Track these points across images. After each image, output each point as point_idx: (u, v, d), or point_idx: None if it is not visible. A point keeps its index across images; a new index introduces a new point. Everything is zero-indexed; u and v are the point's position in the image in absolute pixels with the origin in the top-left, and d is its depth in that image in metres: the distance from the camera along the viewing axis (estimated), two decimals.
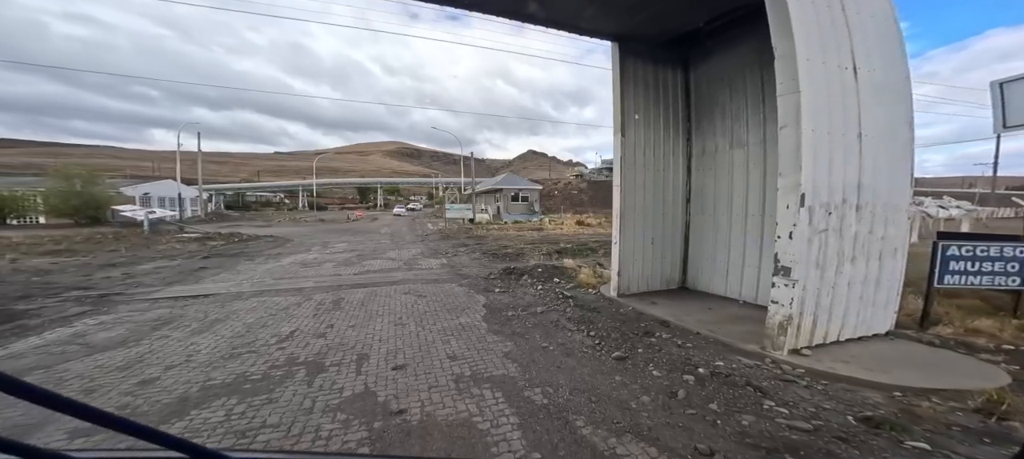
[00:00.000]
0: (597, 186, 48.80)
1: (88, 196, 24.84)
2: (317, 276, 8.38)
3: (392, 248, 13.81)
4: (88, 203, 24.68)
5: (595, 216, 30.73)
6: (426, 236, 18.80)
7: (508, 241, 15.98)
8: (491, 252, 12.18)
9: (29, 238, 14.52)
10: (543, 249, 12.53)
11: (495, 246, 13.89)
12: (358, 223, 30.57)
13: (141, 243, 14.39)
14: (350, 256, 11.62)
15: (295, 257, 11.38)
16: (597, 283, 7.14)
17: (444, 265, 9.95)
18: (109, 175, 38.02)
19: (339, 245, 14.87)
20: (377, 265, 9.94)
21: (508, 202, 29.62)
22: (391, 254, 12.10)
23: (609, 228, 25.12)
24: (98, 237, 14.57)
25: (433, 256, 11.69)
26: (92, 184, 26.53)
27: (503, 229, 22.79)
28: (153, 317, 5.23)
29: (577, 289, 6.88)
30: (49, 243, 13.30)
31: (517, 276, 7.98)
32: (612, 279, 6.44)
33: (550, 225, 25.04)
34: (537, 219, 28.40)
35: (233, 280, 7.83)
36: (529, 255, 11.36)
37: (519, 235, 18.84)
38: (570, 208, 38.07)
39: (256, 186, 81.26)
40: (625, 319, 5.16)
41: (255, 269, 9.20)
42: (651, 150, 6.49)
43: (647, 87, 6.40)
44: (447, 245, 14.69)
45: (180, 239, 15.37)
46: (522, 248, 13.03)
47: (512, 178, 33.04)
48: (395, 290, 7.02)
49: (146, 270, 8.93)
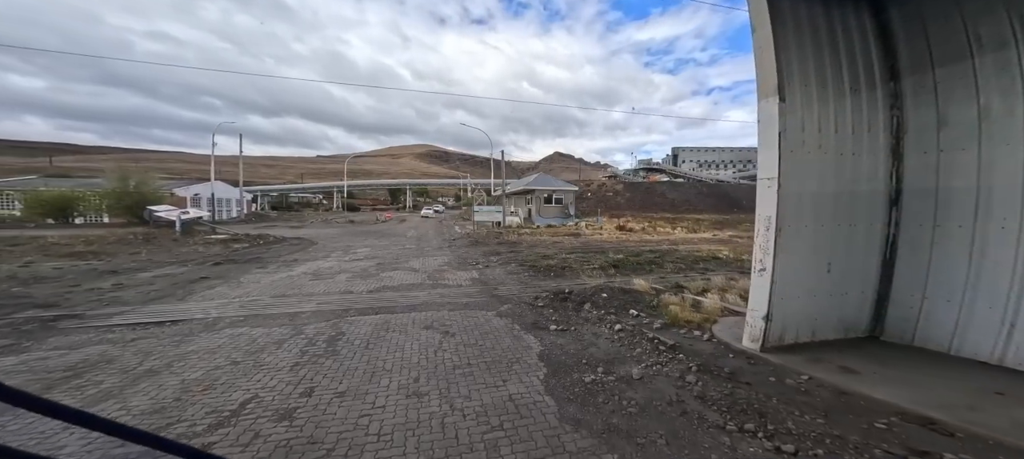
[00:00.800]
0: (634, 188, 45.50)
1: (139, 196, 25.99)
2: (324, 294, 6.89)
3: (416, 255, 12.30)
4: (140, 203, 25.82)
5: (636, 220, 27.90)
6: (453, 241, 17.26)
7: (545, 249, 14.00)
8: (529, 264, 10.26)
9: (66, 237, 14.64)
10: (592, 261, 10.42)
11: (532, 255, 11.97)
12: (385, 225, 29.91)
13: (168, 244, 14.00)
14: (369, 265, 10.19)
15: (310, 266, 10.12)
16: (701, 321, 4.97)
17: (475, 281, 8.17)
18: (169, 177, 40.60)
19: (361, 250, 13.63)
20: (397, 279, 8.35)
21: (541, 204, 27.59)
22: (414, 263, 10.55)
23: (656, 234, 22.15)
24: (131, 237, 14.43)
25: (462, 267, 9.98)
26: (144, 185, 27.89)
27: (536, 234, 20.83)
28: (76, 360, 3.82)
29: (674, 331, 4.78)
30: (81, 244, 13.15)
31: (575, 303, 5.99)
32: (749, 322, 4.16)
33: (588, 230, 22.72)
34: (572, 223, 26.12)
35: (225, 297, 6.51)
36: (577, 269, 9.31)
37: (556, 242, 16.79)
38: (606, 211, 35.36)
39: (297, 188, 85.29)
40: (825, 409, 2.94)
41: (259, 281, 7.92)
42: (827, 125, 4.12)
43: (815, 31, 4.12)
44: (477, 253, 12.98)
45: (207, 241, 14.91)
46: (566, 259, 11.01)
47: (545, 178, 30.93)
48: (414, 321, 5.29)
49: (144, 279, 7.91)
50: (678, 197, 42.08)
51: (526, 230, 22.04)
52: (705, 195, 44.58)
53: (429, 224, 31.41)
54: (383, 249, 14.02)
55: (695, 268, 9.71)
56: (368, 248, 14.24)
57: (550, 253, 12.59)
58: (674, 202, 40.51)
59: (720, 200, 42.81)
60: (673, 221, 28.14)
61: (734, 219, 31.64)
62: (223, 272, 8.86)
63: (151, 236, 15.04)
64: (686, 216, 33.45)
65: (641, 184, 47.29)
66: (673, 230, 22.16)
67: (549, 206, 27.78)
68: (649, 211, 36.34)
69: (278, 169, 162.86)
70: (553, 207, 27.77)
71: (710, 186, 50.34)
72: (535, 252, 12.95)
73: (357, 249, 13.94)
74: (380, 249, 14.03)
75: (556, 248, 14.22)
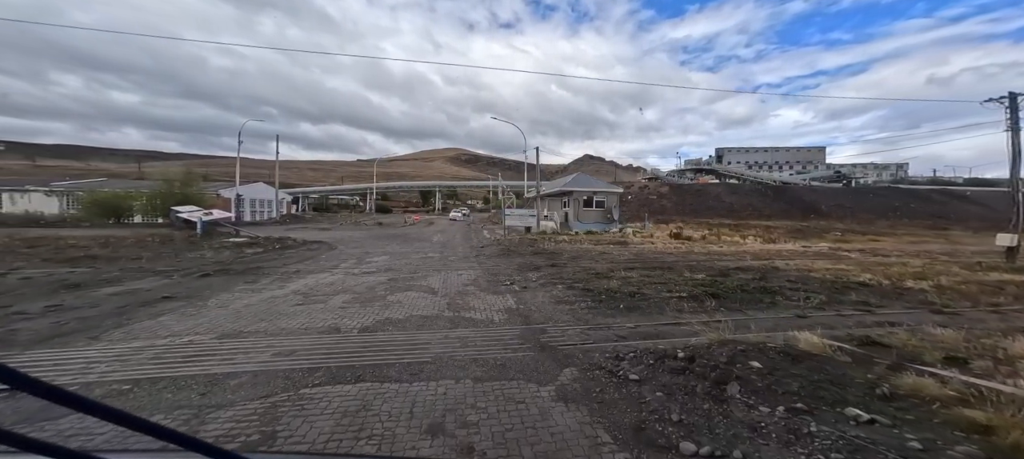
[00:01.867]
0: (682, 191, 40.98)
1: (182, 198, 26.61)
2: (298, 331, 4.85)
3: (438, 267, 10.19)
4: (182, 202, 26.41)
5: (689, 226, 24.19)
6: (481, 248, 15.07)
7: (593, 261, 11.36)
8: (581, 284, 7.74)
9: (90, 238, 14.22)
10: (669, 284, 7.66)
11: (581, 271, 9.41)
12: (412, 228, 28.56)
13: (182, 248, 13.08)
14: (378, 282, 8.17)
15: (309, 280, 8.29)
16: None
17: (512, 314, 5.80)
18: (230, 181, 42.62)
19: (378, 259, 11.80)
20: (406, 306, 6.19)
21: (579, 208, 24.70)
22: (434, 280, 8.39)
23: (724, 245, 17.97)
24: (149, 239, 13.80)
25: (492, 288, 7.65)
26: (188, 186, 28.68)
27: (575, 241, 18.12)
28: None
29: None
30: (97, 246, 12.51)
31: (707, 381, 3.36)
32: None
33: (636, 238, 19.61)
34: (616, 229, 23.04)
35: (155, 336, 4.64)
36: (655, 296, 6.64)
37: (603, 252, 14.03)
38: (650, 216, 31.69)
39: (335, 190, 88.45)
40: None
41: (229, 305, 6.08)
42: None
43: None
44: (510, 266, 10.63)
45: (223, 244, 13.91)
46: (628, 278, 8.35)
47: (584, 178, 27.94)
48: (413, 406, 3.02)
49: (100, 297, 6.37)
50: (737, 201, 36.95)
51: (564, 237, 19.39)
52: (769, 199, 38.87)
53: (457, 228, 29.66)
54: (402, 258, 12.11)
55: (843, 300, 6.64)
56: (386, 256, 12.41)
57: (602, 269, 9.95)
58: (733, 206, 35.55)
59: (791, 205, 37.05)
60: (737, 228, 24.06)
61: (815, 226, 26.69)
62: (201, 287, 7.20)
63: (169, 238, 14.35)
64: (751, 222, 28.89)
65: (690, 186, 42.47)
66: (743, 240, 18.45)
67: (589, 210, 24.79)
68: (703, 216, 32.07)
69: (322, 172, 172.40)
70: (593, 211, 24.74)
71: (774, 189, 44.19)
72: (582, 266, 10.37)
73: (374, 257, 12.14)
74: (399, 258, 12.13)
75: (607, 261, 11.52)
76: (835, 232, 22.53)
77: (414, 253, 13.33)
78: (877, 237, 20.63)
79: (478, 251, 14.17)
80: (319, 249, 14.30)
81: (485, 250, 14.56)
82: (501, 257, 12.53)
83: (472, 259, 12.13)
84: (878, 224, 29.05)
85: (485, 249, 14.87)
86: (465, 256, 12.79)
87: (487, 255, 13.08)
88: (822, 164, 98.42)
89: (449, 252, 13.88)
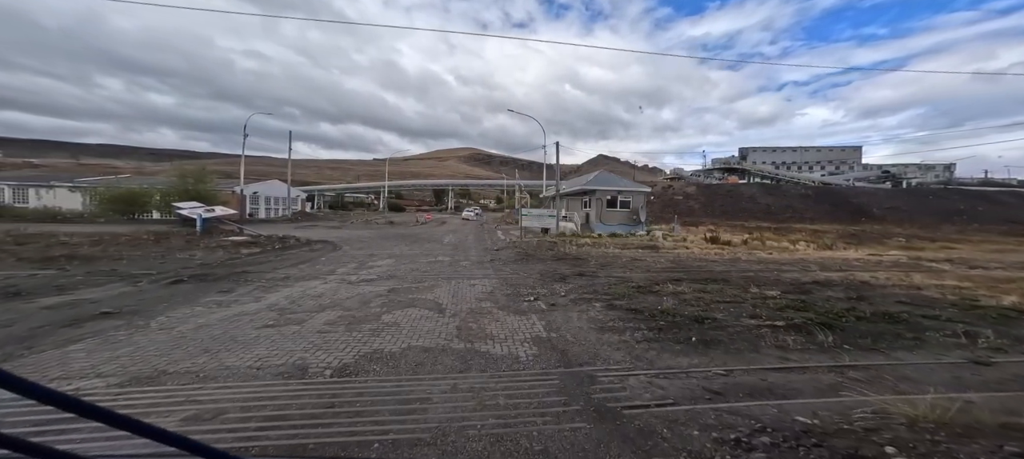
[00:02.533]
0: (710, 191, 38.31)
1: (194, 194, 26.31)
2: (251, 370, 3.46)
3: (448, 274, 8.76)
4: (195, 199, 26.11)
5: (723, 229, 22.00)
6: (497, 251, 13.59)
7: (626, 269, 9.70)
8: (623, 301, 6.12)
9: (87, 235, 13.53)
10: (737, 300, 5.94)
11: (615, 282, 7.79)
12: (423, 228, 27.40)
13: (176, 246, 12.16)
14: (376, 294, 6.78)
15: (296, 289, 6.99)
16: None
17: (544, 345, 4.26)
18: (254, 179, 42.86)
19: (382, 262, 10.48)
20: (404, 331, 4.74)
21: (602, 208, 22.86)
22: (442, 292, 6.93)
23: (770, 250, 15.60)
24: (144, 237, 13.00)
25: (513, 305, 6.13)
26: (202, 183, 28.43)
27: (598, 244, 16.40)
28: None
29: None
30: (87, 244, 11.71)
31: None
32: None
33: (666, 241, 17.71)
34: (643, 231, 21.12)
35: (57, 370, 3.33)
36: (726, 319, 4.95)
37: (635, 259, 12.30)
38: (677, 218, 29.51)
39: (350, 188, 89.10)
40: None
41: (183, 323, 4.78)
42: None
43: None
44: (531, 273, 9.09)
45: (220, 243, 12.94)
46: (679, 292, 6.68)
47: (607, 177, 26.01)
48: None
49: (26, 312, 5.18)
50: (774, 202, 34.01)
51: (586, 240, 17.67)
52: (811, 200, 35.64)
53: (469, 227, 28.31)
54: (409, 261, 10.76)
55: (998, 332, 4.76)
56: (391, 260, 11.08)
57: (641, 279, 8.30)
58: (770, 208, 32.71)
59: (836, 207, 33.80)
60: (779, 232, 21.71)
61: (870, 231, 23.91)
62: (160, 299, 5.97)
63: (167, 236, 13.52)
64: (793, 226, 26.28)
65: (719, 186, 39.74)
66: (793, 245, 16.27)
67: (613, 210, 22.88)
68: (736, 218, 29.59)
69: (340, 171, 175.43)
70: (617, 212, 22.82)
71: (816, 189, 40.74)
72: (616, 276, 8.73)
73: (378, 261, 10.82)
74: (406, 261, 10.78)
75: (643, 270, 9.83)
76: (898, 238, 19.89)
77: (422, 256, 11.97)
78: (950, 243, 18.03)
79: (493, 255, 12.70)
80: (322, 250, 13.16)
81: (500, 254, 13.07)
82: (519, 263, 11.01)
83: (486, 264, 10.66)
84: (943, 229, 25.88)
85: (500, 253, 13.39)
86: (478, 261, 11.33)
87: (503, 260, 11.59)
88: (858, 164, 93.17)
89: (461, 255, 12.46)
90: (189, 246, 12.03)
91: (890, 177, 53.78)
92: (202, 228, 15.10)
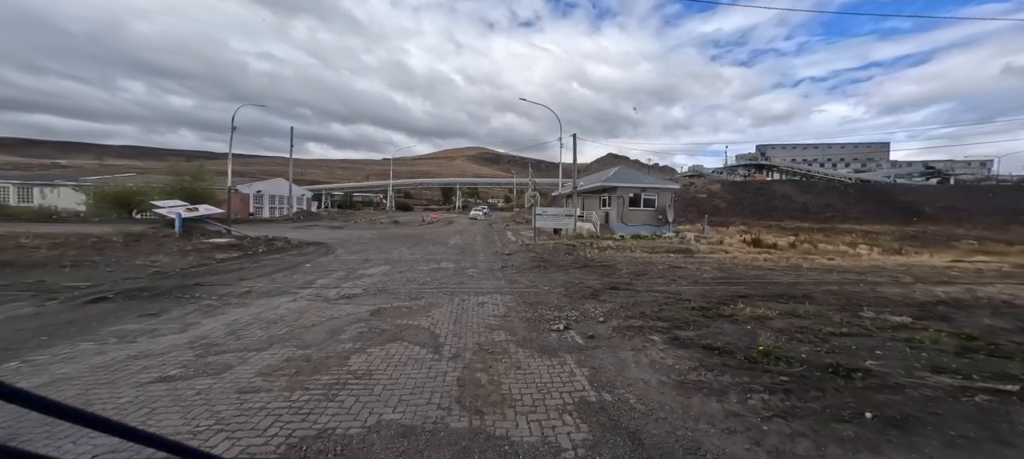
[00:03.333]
0: (737, 188, 35.64)
1: (191, 192, 25.29)
2: None
3: (451, 287, 7.02)
4: (193, 198, 25.09)
5: (756, 229, 19.73)
6: (508, 256, 11.82)
7: (664, 278, 7.80)
8: (691, 332, 4.28)
9: (48, 236, 12.26)
10: (857, 328, 4.03)
11: (664, 299, 5.91)
12: (429, 228, 25.83)
13: (147, 248, 10.77)
14: (357, 314, 5.08)
15: (249, 311, 5.36)
16: None
17: (595, 417, 2.45)
18: (268, 178, 42.15)
19: (374, 270, 8.84)
20: (384, 377, 3.03)
21: (623, 207, 20.80)
22: (441, 316, 5.18)
23: (824, 255, 13.01)
24: (115, 238, 11.67)
25: (536, 337, 4.33)
26: (199, 180, 27.45)
27: (622, 247, 14.46)
28: None
29: None
30: (45, 247, 10.41)
31: None
32: None
33: (700, 244, 15.65)
34: (671, 233, 19.05)
35: None
36: (890, 374, 3.07)
37: (674, 266, 10.39)
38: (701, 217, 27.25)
39: (358, 187, 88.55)
40: None
41: (39, 373, 3.16)
42: None
43: None
44: (551, 285, 7.27)
45: (195, 246, 11.52)
46: (762, 316, 4.78)
47: (629, 172, 23.83)
48: None
49: None
50: (811, 200, 31.17)
51: (607, 242, 15.73)
52: (852, 198, 32.64)
53: (477, 228, 26.62)
54: (406, 269, 9.08)
55: None
56: (386, 267, 9.43)
57: (694, 295, 6.42)
58: (807, 207, 29.92)
59: (882, 205, 30.72)
60: (824, 232, 19.35)
61: (930, 232, 21.22)
62: (56, 325, 4.36)
63: (140, 237, 12.20)
64: (838, 226, 23.74)
65: (746, 183, 37.01)
66: (850, 248, 14.03)
67: (636, 209, 20.79)
68: (769, 217, 27.12)
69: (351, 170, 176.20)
70: (641, 211, 20.71)
71: (855, 187, 37.49)
72: (660, 290, 6.86)
73: (370, 269, 9.18)
74: (403, 268, 9.11)
75: (689, 281, 7.93)
76: (967, 241, 17.32)
77: (423, 262, 10.29)
78: None
79: (503, 260, 10.93)
80: (311, 253, 11.63)
81: (513, 259, 11.30)
82: (536, 271, 9.21)
83: (497, 273, 8.91)
84: (1013, 230, 22.98)
85: (512, 258, 11.61)
86: (488, 268, 9.59)
87: (516, 267, 9.82)
88: (886, 161, 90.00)
89: (467, 261, 10.74)
90: (158, 249, 10.62)
91: (935, 173, 49.61)
92: (181, 229, 13.80)
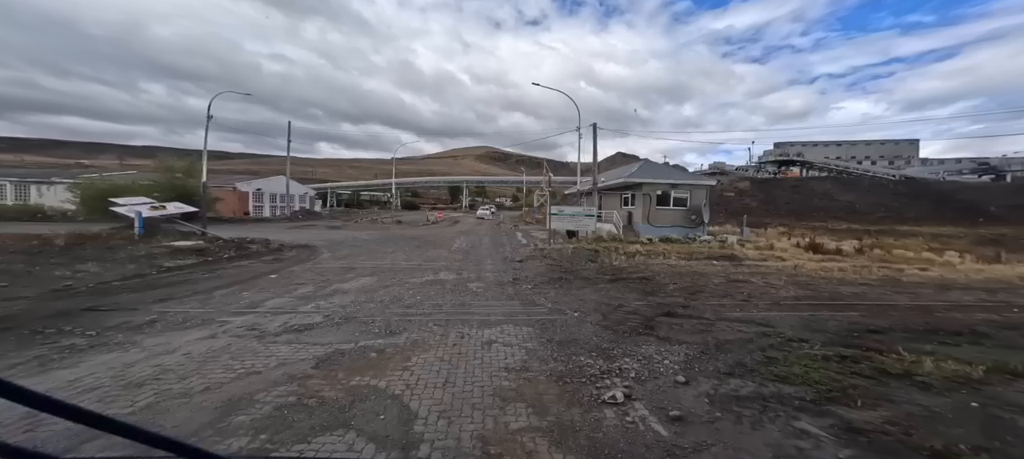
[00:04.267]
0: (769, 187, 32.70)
1: (181, 189, 24.00)
2: None
3: (449, 311, 4.98)
4: (183, 197, 23.77)
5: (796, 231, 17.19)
6: (521, 264, 9.74)
7: (730, 298, 5.61)
8: (856, 412, 2.13)
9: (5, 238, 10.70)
10: None
11: (756, 338, 3.74)
12: (433, 228, 23.94)
13: (88, 254, 9.06)
14: (295, 369, 3.07)
15: (111, 363, 3.42)
16: None
17: None
18: (275, 176, 41.03)
19: (351, 286, 6.85)
20: None
21: (651, 206, 18.45)
22: (425, 368, 3.14)
23: (912, 266, 10.21)
24: (57, 240, 10.00)
25: (586, 427, 2.25)
26: (191, 177, 26.16)
27: (652, 252, 12.23)
28: None
29: None
30: None
31: None
32: None
33: (747, 250, 13.32)
34: (706, 236, 16.69)
35: None
36: None
37: (730, 278, 8.18)
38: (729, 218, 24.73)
39: (366, 185, 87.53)
40: None
41: None
42: None
43: None
44: (585, 310, 5.15)
45: (150, 250, 9.78)
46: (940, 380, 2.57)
47: (655, 167, 21.38)
48: None
49: None
50: (857, 199, 28.09)
51: (634, 246, 13.50)
52: (905, 197, 29.37)
53: (483, 228, 24.58)
54: (395, 281, 7.09)
55: None
56: (371, 279, 7.46)
57: (787, 324, 4.27)
58: (853, 206, 26.90)
59: (940, 204, 27.52)
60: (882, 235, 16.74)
61: (1013, 236, 18.23)
62: None
63: (84, 239, 10.52)
64: (895, 228, 20.94)
65: (780, 181, 33.98)
66: (939, 256, 11.54)
67: (664, 209, 18.39)
68: (810, 218, 24.42)
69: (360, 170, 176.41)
70: (670, 211, 18.29)
71: (906, 185, 33.99)
72: (738, 318, 4.69)
73: (348, 281, 7.21)
74: (390, 280, 7.13)
75: (768, 302, 5.77)
76: None
77: (418, 272, 8.30)
78: None
79: (515, 270, 8.85)
80: (290, 259, 9.79)
81: (526, 267, 9.24)
82: (556, 285, 7.10)
83: (508, 287, 6.85)
84: None
85: (526, 266, 9.54)
86: (496, 281, 7.52)
87: (532, 278, 7.73)
88: (915, 158, 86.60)
89: (471, 270, 8.69)
90: (103, 255, 8.88)
91: (990, 169, 45.23)
92: (141, 229, 12.15)
